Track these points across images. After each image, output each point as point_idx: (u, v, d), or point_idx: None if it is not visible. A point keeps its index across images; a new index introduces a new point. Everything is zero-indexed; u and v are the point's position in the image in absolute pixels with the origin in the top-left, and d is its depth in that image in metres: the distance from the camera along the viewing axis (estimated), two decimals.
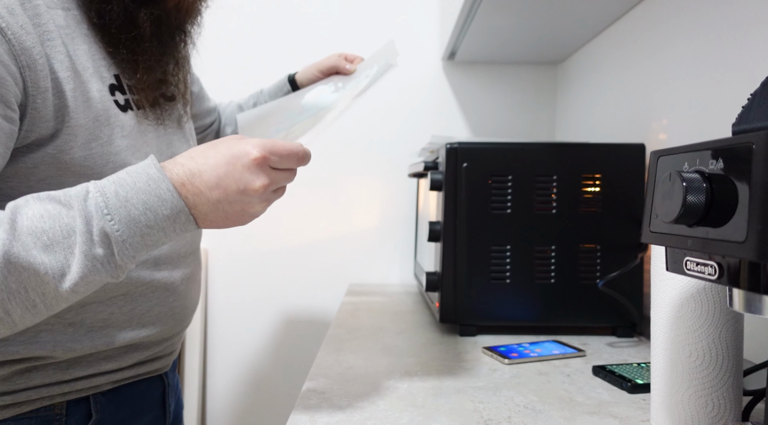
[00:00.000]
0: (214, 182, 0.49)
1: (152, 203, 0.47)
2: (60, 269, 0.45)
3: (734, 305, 0.39)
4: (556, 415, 0.61)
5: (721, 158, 0.37)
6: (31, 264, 0.44)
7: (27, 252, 0.44)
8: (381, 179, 1.53)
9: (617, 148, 0.92)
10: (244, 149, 0.50)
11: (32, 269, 0.44)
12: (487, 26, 1.18)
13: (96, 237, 0.46)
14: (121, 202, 0.47)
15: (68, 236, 0.45)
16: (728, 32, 0.77)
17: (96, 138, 0.55)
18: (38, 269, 0.45)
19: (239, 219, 0.52)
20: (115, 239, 0.46)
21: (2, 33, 0.47)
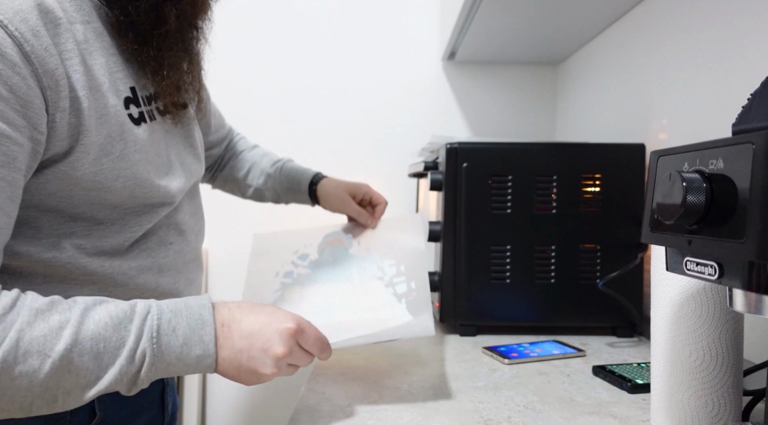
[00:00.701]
0: (247, 332, 0.53)
1: (191, 341, 0.51)
2: (96, 376, 0.47)
3: (734, 305, 0.39)
4: (556, 415, 0.61)
5: (721, 157, 0.37)
6: (79, 369, 0.46)
7: (80, 358, 0.46)
8: (381, 179, 1.52)
9: (617, 148, 0.92)
10: (283, 317, 0.55)
11: (76, 373, 0.46)
12: (487, 26, 1.18)
13: (137, 356, 0.49)
14: (169, 331, 0.50)
15: (118, 348, 0.48)
16: (728, 32, 0.77)
17: (107, 153, 0.56)
18: (80, 373, 0.47)
19: (248, 376, 0.54)
20: (149, 362, 0.49)
21: (27, 57, 0.48)
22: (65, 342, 0.46)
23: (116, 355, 0.48)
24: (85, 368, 0.47)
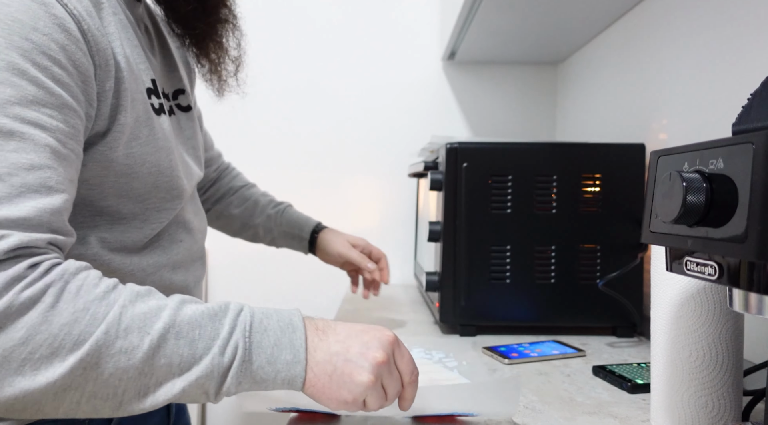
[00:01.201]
0: (344, 336, 0.50)
1: (281, 343, 0.48)
2: (189, 364, 0.45)
3: (734, 305, 0.39)
4: (556, 415, 0.61)
5: (721, 157, 0.37)
6: (173, 354, 0.44)
7: (176, 341, 0.45)
8: (381, 179, 1.52)
9: (617, 148, 0.92)
10: (381, 327, 0.52)
11: (170, 357, 0.44)
12: (487, 26, 1.18)
13: (229, 348, 0.46)
14: (261, 330, 0.48)
15: (212, 338, 0.46)
16: (728, 32, 0.77)
17: (136, 137, 0.57)
18: (174, 359, 0.44)
19: (342, 383, 0.48)
20: (240, 356, 0.46)
21: (84, 35, 0.50)
22: (164, 322, 0.44)
23: (210, 346, 0.45)
24: (179, 353, 0.44)
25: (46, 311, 0.41)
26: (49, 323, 0.41)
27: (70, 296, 0.43)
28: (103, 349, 0.42)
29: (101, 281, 0.45)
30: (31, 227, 0.43)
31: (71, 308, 0.42)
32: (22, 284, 0.41)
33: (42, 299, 0.41)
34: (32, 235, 0.43)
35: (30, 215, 0.43)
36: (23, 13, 0.46)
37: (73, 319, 0.42)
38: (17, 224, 0.43)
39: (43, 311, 0.41)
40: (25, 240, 0.42)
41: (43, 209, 0.44)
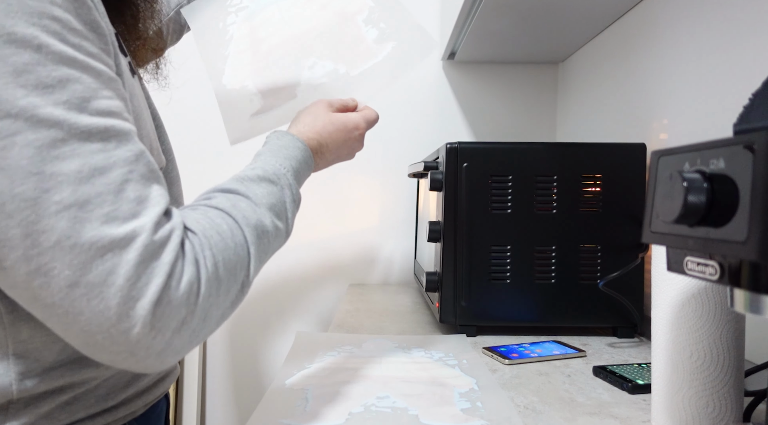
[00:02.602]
0: (333, 156, 0.69)
1: (304, 177, 0.63)
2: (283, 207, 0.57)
3: (735, 305, 0.39)
4: (556, 416, 0.61)
5: (722, 157, 0.36)
6: (270, 229, 0.53)
7: (272, 221, 0.54)
8: (381, 179, 1.52)
9: (618, 148, 0.92)
10: (353, 125, 0.70)
11: (273, 236, 0.54)
12: (487, 26, 1.18)
13: (296, 196, 0.59)
14: (298, 179, 0.61)
15: (284, 204, 0.57)
16: (729, 32, 0.77)
17: None
18: (279, 233, 0.55)
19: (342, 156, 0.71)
20: (295, 190, 0.60)
21: None
22: (266, 211, 0.54)
23: (286, 208, 0.57)
24: (278, 227, 0.55)
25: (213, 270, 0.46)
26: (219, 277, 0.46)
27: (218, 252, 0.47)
28: (256, 258, 0.51)
29: (213, 222, 0.48)
30: (168, 216, 0.44)
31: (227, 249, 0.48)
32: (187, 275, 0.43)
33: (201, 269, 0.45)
34: (175, 221, 0.44)
35: (164, 205, 0.44)
36: None
37: (231, 259, 0.48)
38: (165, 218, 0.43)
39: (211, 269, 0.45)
40: (179, 233, 0.44)
41: (165, 194, 0.44)
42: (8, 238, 0.37)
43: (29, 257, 0.37)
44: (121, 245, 0.39)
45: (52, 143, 0.38)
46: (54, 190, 0.38)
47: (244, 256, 0.49)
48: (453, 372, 0.74)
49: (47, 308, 0.39)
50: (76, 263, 0.38)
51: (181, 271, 0.42)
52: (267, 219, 0.53)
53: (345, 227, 1.53)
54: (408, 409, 0.62)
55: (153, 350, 0.41)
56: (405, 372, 0.74)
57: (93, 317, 0.39)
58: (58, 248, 0.37)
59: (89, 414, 0.52)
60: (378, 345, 0.87)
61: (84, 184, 0.39)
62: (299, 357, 0.81)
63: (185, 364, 1.47)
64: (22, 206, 0.37)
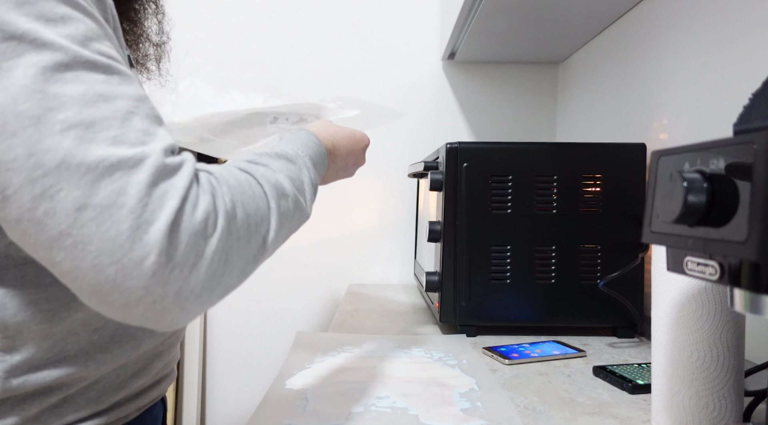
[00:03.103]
0: (342, 164, 0.69)
1: (321, 170, 0.63)
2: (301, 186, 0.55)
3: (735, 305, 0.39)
4: (556, 416, 0.61)
5: (722, 157, 0.36)
6: (289, 192, 0.51)
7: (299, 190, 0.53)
8: (381, 179, 1.52)
9: (618, 148, 0.92)
10: (361, 136, 0.72)
11: (299, 208, 0.53)
12: (487, 26, 1.18)
13: (314, 180, 0.58)
14: (319, 172, 0.61)
15: (302, 181, 0.54)
16: (729, 32, 0.77)
17: None
18: (299, 205, 0.53)
19: (344, 174, 0.72)
20: (314, 177, 0.58)
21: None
22: (288, 184, 0.52)
23: (307, 189, 0.55)
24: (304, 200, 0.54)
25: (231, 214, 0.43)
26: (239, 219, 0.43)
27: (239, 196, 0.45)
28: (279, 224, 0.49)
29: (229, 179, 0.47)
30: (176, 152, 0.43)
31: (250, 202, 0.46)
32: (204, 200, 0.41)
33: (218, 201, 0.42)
34: (186, 154, 0.42)
35: (172, 141, 0.42)
36: None
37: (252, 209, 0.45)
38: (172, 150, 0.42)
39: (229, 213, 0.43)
40: (192, 164, 0.42)
41: (171, 137, 0.42)
42: (12, 159, 0.35)
43: (33, 179, 0.35)
44: (130, 164, 0.37)
45: (56, 66, 0.37)
46: (58, 109, 0.36)
47: (264, 207, 0.46)
48: (453, 372, 0.74)
49: (54, 240, 0.36)
50: (83, 182, 0.35)
51: (196, 197, 0.39)
52: (287, 184, 0.51)
53: (345, 227, 1.53)
54: (408, 409, 0.62)
55: (170, 288, 0.37)
56: (405, 372, 0.74)
57: (104, 246, 0.35)
58: (64, 167, 0.35)
59: (79, 418, 0.51)
60: (378, 345, 0.87)
61: (89, 107, 0.37)
62: (299, 357, 0.81)
63: (185, 364, 1.47)
64: (26, 123, 0.35)
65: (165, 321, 0.39)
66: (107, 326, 0.53)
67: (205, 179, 0.42)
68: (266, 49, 1.51)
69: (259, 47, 1.51)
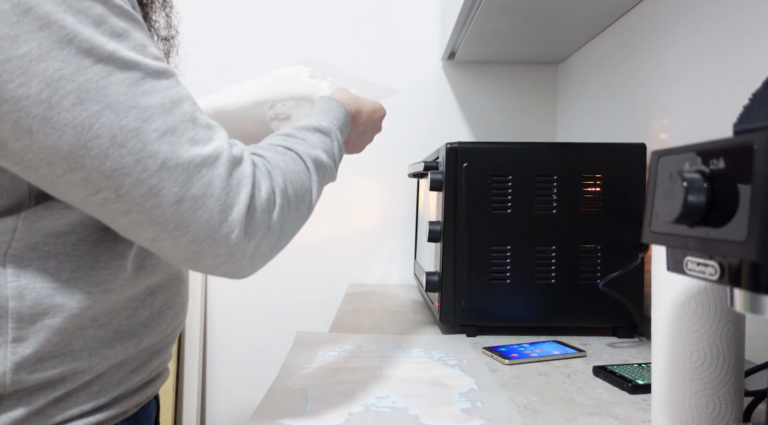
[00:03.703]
0: (362, 128, 0.76)
1: (346, 132, 0.71)
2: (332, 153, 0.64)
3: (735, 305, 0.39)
4: (556, 416, 0.61)
5: (722, 157, 0.36)
6: (325, 163, 0.61)
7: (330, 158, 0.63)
8: (381, 179, 1.52)
9: (618, 148, 0.92)
10: (379, 106, 0.78)
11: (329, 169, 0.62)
12: (487, 26, 1.18)
13: (341, 146, 0.67)
14: (343, 135, 0.69)
15: (333, 151, 0.64)
16: (729, 32, 0.77)
17: None
18: (331, 171, 0.63)
19: (362, 142, 0.79)
20: (340, 144, 0.67)
21: None
22: (322, 153, 0.61)
23: (337, 157, 0.66)
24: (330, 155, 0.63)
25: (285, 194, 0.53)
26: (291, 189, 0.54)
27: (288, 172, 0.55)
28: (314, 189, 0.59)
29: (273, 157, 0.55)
30: None
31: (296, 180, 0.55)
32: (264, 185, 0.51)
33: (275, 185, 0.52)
34: (240, 143, 0.52)
35: (225, 131, 0.51)
36: None
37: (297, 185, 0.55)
38: None
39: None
40: (249, 152, 0.52)
41: None
42: (123, 165, 0.43)
43: (141, 181, 0.43)
44: (210, 161, 0.46)
45: (137, 81, 0.44)
46: (150, 120, 0.43)
47: (307, 181, 0.57)
48: (453, 372, 0.74)
49: (159, 226, 0.45)
50: (180, 180, 0.44)
51: (259, 182, 0.50)
52: (323, 156, 0.61)
53: (345, 227, 1.53)
54: (408, 409, 0.62)
55: (247, 253, 0.49)
56: (405, 372, 0.74)
57: (200, 227, 0.45)
58: (164, 169, 0.44)
59: (82, 412, 0.52)
60: (378, 345, 0.87)
61: (169, 114, 0.45)
62: (299, 357, 0.81)
63: (185, 364, 1.47)
64: (130, 135, 0.43)
65: (239, 274, 0.51)
66: (112, 322, 0.54)
67: (261, 164, 0.51)
68: (265, 49, 1.51)
69: (258, 47, 1.51)
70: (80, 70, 0.41)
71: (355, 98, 0.76)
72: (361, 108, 0.75)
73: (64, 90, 0.41)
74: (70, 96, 0.41)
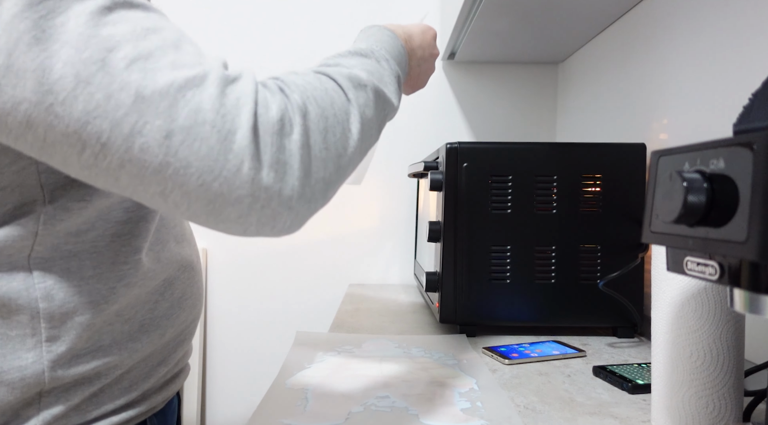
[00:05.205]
0: (420, 54, 0.66)
1: (403, 64, 0.61)
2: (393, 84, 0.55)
3: (735, 305, 0.39)
4: (556, 416, 0.61)
5: (722, 157, 0.36)
6: (367, 82, 0.51)
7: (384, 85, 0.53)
8: (381, 179, 1.52)
9: (618, 148, 0.92)
10: (427, 27, 0.69)
11: (386, 99, 0.53)
12: (487, 26, 1.18)
13: (396, 71, 0.56)
14: (391, 55, 0.58)
15: (381, 73, 0.53)
16: (729, 32, 0.77)
17: None
18: (380, 94, 0.52)
19: (424, 72, 0.69)
20: (399, 72, 0.57)
21: None
22: (367, 78, 0.51)
23: (389, 77, 0.55)
24: (390, 92, 0.54)
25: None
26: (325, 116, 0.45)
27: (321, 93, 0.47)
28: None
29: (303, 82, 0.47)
30: None
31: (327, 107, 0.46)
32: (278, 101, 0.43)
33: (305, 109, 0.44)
34: (243, 66, 0.45)
35: (223, 60, 0.44)
36: None
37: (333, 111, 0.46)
38: None
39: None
40: (251, 71, 0.44)
41: None
42: (95, 106, 0.37)
43: (119, 120, 0.37)
44: (196, 82, 0.39)
45: (101, 11, 0.39)
46: (116, 49, 0.38)
47: (339, 99, 0.47)
48: (453, 372, 0.74)
49: (158, 173, 0.38)
50: (161, 110, 0.37)
51: (265, 99, 0.41)
52: (363, 75, 0.51)
53: (345, 227, 1.53)
54: (408, 409, 0.62)
55: (272, 190, 0.40)
56: (405, 372, 0.74)
57: (202, 164, 0.38)
58: (140, 100, 0.37)
59: (116, 407, 0.54)
60: (378, 345, 0.87)
61: (141, 40, 0.39)
62: (299, 357, 0.81)
63: None
64: (94, 69, 0.37)
65: (279, 224, 0.42)
66: (136, 316, 0.56)
67: (272, 83, 0.44)
68: (264, 48, 1.51)
69: (257, 47, 1.51)
70: (32, 5, 0.37)
71: (401, 25, 0.65)
72: (412, 31, 0.65)
73: (17, 30, 0.36)
74: (25, 36, 0.36)
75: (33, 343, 0.48)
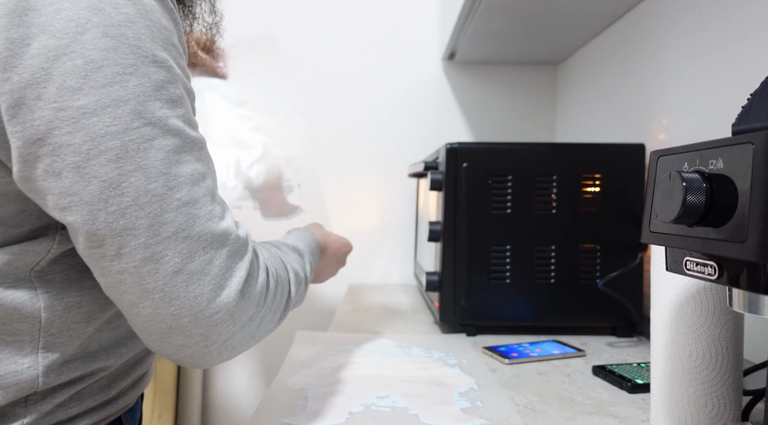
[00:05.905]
0: (327, 261, 0.84)
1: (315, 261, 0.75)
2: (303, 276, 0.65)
3: (734, 305, 0.39)
4: (556, 415, 0.61)
5: (721, 157, 0.37)
6: (303, 278, 0.64)
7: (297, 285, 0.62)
8: (381, 179, 1.53)
9: (617, 148, 0.92)
10: (345, 243, 0.89)
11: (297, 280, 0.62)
12: (487, 26, 1.18)
13: (310, 273, 0.69)
14: (311, 257, 0.72)
15: (302, 277, 0.64)
16: (728, 32, 0.77)
17: None
18: (301, 295, 0.64)
19: (325, 275, 0.88)
20: (310, 269, 0.70)
21: None
22: (293, 277, 0.61)
23: (305, 282, 0.66)
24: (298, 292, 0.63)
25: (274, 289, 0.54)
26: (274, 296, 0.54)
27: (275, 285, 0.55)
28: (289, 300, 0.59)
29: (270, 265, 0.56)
30: None
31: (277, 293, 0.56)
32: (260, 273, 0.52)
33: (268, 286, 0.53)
34: (243, 227, 0.53)
35: None
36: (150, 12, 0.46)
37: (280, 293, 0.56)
38: None
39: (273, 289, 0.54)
40: (251, 239, 0.53)
41: None
42: (135, 227, 0.43)
43: (148, 245, 0.43)
44: (220, 240, 0.46)
45: (176, 149, 0.45)
46: (176, 189, 0.44)
47: (286, 291, 0.57)
48: (453, 372, 0.74)
49: (147, 293, 0.44)
50: (185, 252, 0.44)
51: (257, 271, 0.50)
52: (301, 273, 0.64)
53: (345, 227, 1.53)
54: (408, 409, 0.62)
55: (221, 338, 0.47)
56: (405, 372, 0.74)
57: (187, 302, 0.44)
58: (174, 238, 0.44)
59: (96, 404, 0.56)
60: (378, 345, 0.87)
61: (194, 186, 0.45)
62: (299, 357, 0.81)
63: None
64: (152, 200, 0.43)
65: (201, 360, 0.49)
66: (124, 324, 0.58)
67: (262, 256, 0.53)
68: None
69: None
70: (128, 130, 0.42)
71: (326, 234, 0.83)
72: (328, 243, 0.82)
73: (105, 145, 0.42)
74: (110, 152, 0.42)
75: (30, 349, 0.49)
